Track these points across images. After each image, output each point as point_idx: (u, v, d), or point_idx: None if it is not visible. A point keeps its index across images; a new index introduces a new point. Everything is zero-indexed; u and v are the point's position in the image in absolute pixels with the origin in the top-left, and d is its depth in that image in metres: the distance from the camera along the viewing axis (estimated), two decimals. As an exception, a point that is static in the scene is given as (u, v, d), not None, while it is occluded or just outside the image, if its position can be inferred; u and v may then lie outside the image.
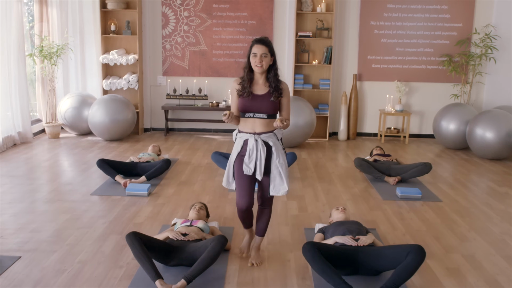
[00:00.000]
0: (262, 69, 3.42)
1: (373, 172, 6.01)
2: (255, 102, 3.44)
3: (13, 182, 5.67)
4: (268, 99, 3.45)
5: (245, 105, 3.45)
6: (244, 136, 3.49)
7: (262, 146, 3.42)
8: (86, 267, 3.59)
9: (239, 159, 3.50)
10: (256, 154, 3.41)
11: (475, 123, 7.34)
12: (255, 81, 3.51)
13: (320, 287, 3.34)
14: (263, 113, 3.45)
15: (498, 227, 4.61)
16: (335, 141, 8.67)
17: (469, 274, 3.61)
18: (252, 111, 3.45)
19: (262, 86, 3.50)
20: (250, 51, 3.45)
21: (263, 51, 3.39)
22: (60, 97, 8.52)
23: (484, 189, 5.89)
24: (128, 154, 7.08)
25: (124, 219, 4.57)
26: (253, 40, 3.47)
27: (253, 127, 3.47)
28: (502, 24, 8.44)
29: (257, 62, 3.40)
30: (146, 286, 3.29)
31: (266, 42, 3.41)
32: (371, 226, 4.52)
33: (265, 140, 3.45)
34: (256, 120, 3.46)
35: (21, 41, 7.38)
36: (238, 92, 3.49)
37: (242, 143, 3.49)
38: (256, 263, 3.66)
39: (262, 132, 3.46)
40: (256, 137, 3.43)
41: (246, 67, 3.50)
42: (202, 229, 3.88)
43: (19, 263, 3.61)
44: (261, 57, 3.39)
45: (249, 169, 3.42)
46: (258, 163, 3.42)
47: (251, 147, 3.42)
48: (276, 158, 3.46)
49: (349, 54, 8.84)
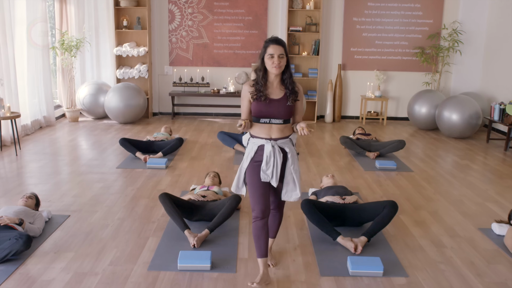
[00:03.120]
0: (280, 70, 3.00)
1: (356, 148, 6.54)
2: (272, 107, 3.02)
3: (47, 158, 6.14)
4: (285, 104, 3.04)
5: (261, 111, 3.03)
6: (259, 142, 3.08)
7: (278, 152, 3.04)
8: (124, 222, 4.13)
9: (252, 165, 3.10)
10: (273, 161, 3.04)
11: (443, 107, 7.81)
12: (269, 84, 3.07)
13: (315, 234, 3.92)
14: (280, 119, 3.04)
15: (458, 191, 5.22)
16: (322, 123, 9.14)
17: (432, 225, 4.22)
18: (268, 117, 3.03)
19: (277, 89, 3.07)
20: (264, 52, 3.01)
21: (280, 52, 2.97)
22: (78, 85, 8.89)
23: (449, 162, 6.48)
24: (142, 135, 7.52)
25: (149, 187, 5.10)
26: (267, 40, 3.03)
27: (269, 132, 3.06)
28: (467, 21, 8.83)
29: (275, 63, 2.96)
30: (176, 235, 3.84)
31: (281, 42, 3.01)
32: (355, 191, 5.09)
33: (281, 146, 3.07)
34: (272, 125, 3.05)
35: (45, 36, 7.75)
36: (253, 96, 3.04)
37: (256, 149, 3.08)
38: (271, 264, 3.40)
39: (278, 138, 3.07)
40: (273, 143, 3.04)
41: (261, 69, 3.05)
42: (217, 192, 4.43)
43: (69, 220, 4.14)
44: (279, 58, 2.96)
45: (266, 176, 3.06)
46: (274, 170, 3.05)
47: (268, 153, 3.03)
48: (291, 164, 3.10)
49: (335, 46, 9.20)
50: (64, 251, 3.55)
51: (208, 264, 3.31)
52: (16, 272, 3.22)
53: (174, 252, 3.52)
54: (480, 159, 6.60)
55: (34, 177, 5.36)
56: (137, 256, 3.50)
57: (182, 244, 3.68)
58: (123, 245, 3.67)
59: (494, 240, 3.92)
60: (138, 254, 3.54)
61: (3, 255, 3.27)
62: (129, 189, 5.01)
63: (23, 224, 3.61)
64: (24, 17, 7.18)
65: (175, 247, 3.62)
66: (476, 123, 7.59)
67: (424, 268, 3.42)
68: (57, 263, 3.37)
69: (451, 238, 3.95)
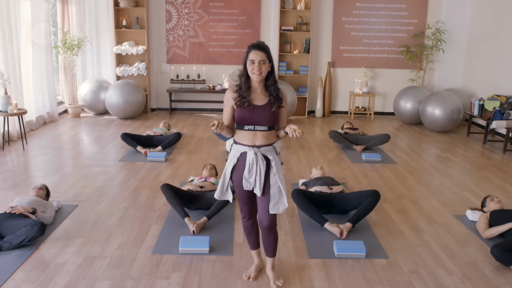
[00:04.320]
0: (261, 76, 2.82)
1: (343, 141, 6.77)
2: (256, 113, 2.85)
3: (53, 152, 6.33)
4: (269, 110, 2.86)
5: (244, 117, 2.85)
6: (241, 149, 2.90)
7: (261, 160, 2.86)
8: (129, 211, 4.36)
9: (237, 172, 2.95)
10: (256, 169, 2.86)
11: (427, 103, 8.06)
12: (252, 89, 2.88)
13: (304, 221, 4.16)
14: (264, 125, 2.86)
15: (438, 181, 5.48)
16: (313, 118, 9.35)
17: (412, 212, 4.48)
18: (252, 124, 2.85)
19: (261, 96, 2.88)
20: (246, 58, 2.83)
21: (261, 58, 2.78)
22: (79, 83, 9.03)
23: (431, 155, 6.73)
24: (141, 130, 7.71)
25: (150, 178, 5.32)
26: (250, 45, 2.85)
27: (253, 140, 2.89)
28: (450, 21, 9.05)
29: (255, 69, 2.78)
30: (177, 222, 4.07)
31: (263, 48, 2.82)
32: (342, 181, 5.33)
33: (264, 153, 2.89)
34: (256, 132, 2.88)
35: (48, 36, 7.90)
36: (236, 102, 2.86)
37: (239, 155, 2.92)
38: (278, 284, 3.14)
39: (262, 145, 2.89)
40: (255, 151, 2.87)
41: (243, 75, 2.87)
42: (214, 183, 4.66)
43: (78, 209, 4.36)
44: (260, 64, 2.78)
45: (249, 184, 2.90)
46: (257, 178, 2.87)
47: (251, 161, 2.86)
48: (276, 173, 2.90)
49: (324, 45, 9.39)
50: (74, 237, 3.78)
51: (207, 248, 3.54)
52: (31, 256, 3.45)
53: (176, 238, 3.75)
54: (460, 151, 6.86)
55: (42, 170, 5.56)
56: (141, 241, 3.73)
57: (183, 230, 3.92)
58: (129, 232, 3.90)
59: (467, 225, 4.18)
60: (143, 239, 3.77)
61: (20, 241, 3.49)
62: (132, 180, 5.23)
63: (36, 213, 3.83)
64: (29, 17, 7.33)
65: (176, 233, 3.86)
66: (458, 117, 7.84)
67: (403, 251, 3.68)
68: (68, 248, 3.59)
69: (428, 224, 4.21)
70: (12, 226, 3.59)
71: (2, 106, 6.21)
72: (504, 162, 6.31)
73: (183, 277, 3.22)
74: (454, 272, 3.37)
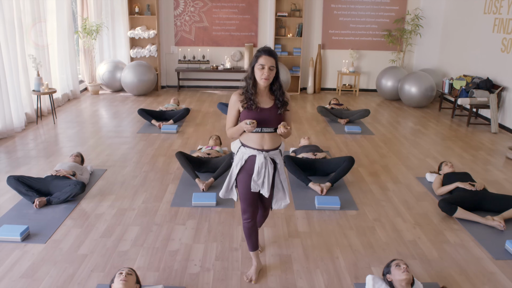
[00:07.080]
0: (268, 82, 2.76)
1: (329, 116, 7.29)
2: (263, 116, 2.79)
3: (79, 126, 6.89)
4: (276, 113, 2.81)
5: (251, 119, 2.77)
6: (250, 152, 2.85)
7: (270, 164, 2.85)
8: (149, 174, 4.96)
9: (244, 175, 2.89)
10: (264, 172, 2.84)
11: (404, 81, 8.53)
12: (258, 92, 2.82)
13: (292, 181, 4.75)
14: (271, 127, 2.81)
15: (407, 150, 6.06)
16: (305, 94, 9.82)
17: (382, 175, 5.09)
18: (259, 126, 2.79)
19: (267, 99, 2.83)
20: (255, 61, 2.75)
21: (271, 64, 2.72)
22: (97, 64, 9.49)
23: (405, 127, 7.28)
24: (154, 105, 8.21)
25: (165, 147, 5.91)
26: (260, 50, 2.76)
27: (261, 143, 2.83)
28: (427, 8, 9.41)
29: (265, 75, 2.72)
30: (189, 182, 4.68)
31: (273, 54, 2.75)
32: (326, 150, 5.92)
33: (272, 157, 2.88)
34: (264, 135, 2.82)
35: (71, 22, 8.34)
36: (243, 104, 2.80)
37: (247, 158, 2.86)
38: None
39: (270, 149, 2.85)
40: (265, 155, 2.83)
41: (251, 78, 2.79)
42: (218, 151, 5.25)
43: (107, 173, 4.97)
44: (269, 70, 2.72)
45: (257, 186, 2.87)
46: (265, 180, 2.86)
47: (260, 165, 2.82)
48: (281, 174, 2.94)
49: (315, 29, 9.75)
50: (107, 194, 4.40)
51: (214, 202, 4.17)
52: (76, 208, 4.08)
53: (189, 194, 4.38)
54: (431, 124, 7.42)
55: (72, 141, 6.13)
56: (161, 197, 4.36)
57: (194, 188, 4.54)
58: (150, 190, 4.53)
59: (426, 185, 4.80)
60: (162, 195, 4.40)
61: (65, 196, 4.11)
62: (149, 149, 5.82)
63: (75, 175, 4.44)
64: (54, 7, 7.77)
65: (189, 191, 4.48)
66: (431, 95, 8.35)
67: (370, 204, 4.31)
68: (104, 202, 4.23)
69: (394, 184, 4.83)
70: (59, 185, 4.21)
71: (35, 86, 6.75)
72: (467, 135, 6.88)
73: (196, 223, 3.86)
74: (408, 220, 4.01)
